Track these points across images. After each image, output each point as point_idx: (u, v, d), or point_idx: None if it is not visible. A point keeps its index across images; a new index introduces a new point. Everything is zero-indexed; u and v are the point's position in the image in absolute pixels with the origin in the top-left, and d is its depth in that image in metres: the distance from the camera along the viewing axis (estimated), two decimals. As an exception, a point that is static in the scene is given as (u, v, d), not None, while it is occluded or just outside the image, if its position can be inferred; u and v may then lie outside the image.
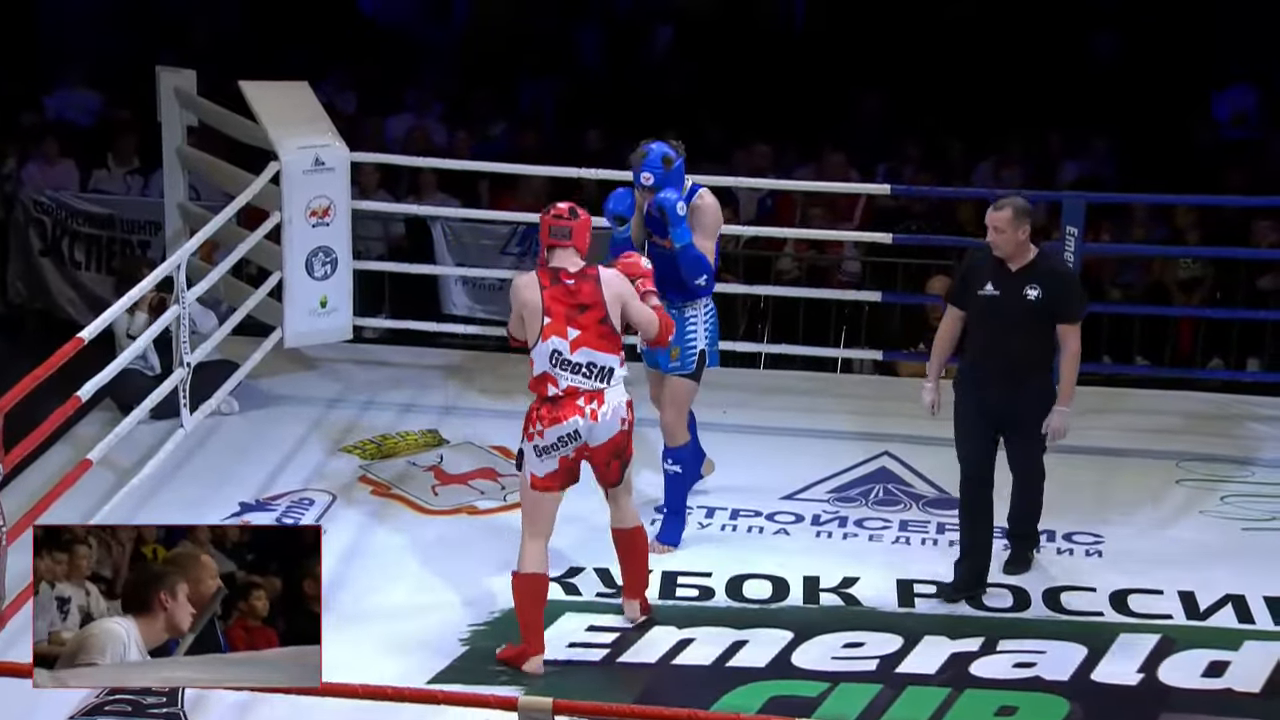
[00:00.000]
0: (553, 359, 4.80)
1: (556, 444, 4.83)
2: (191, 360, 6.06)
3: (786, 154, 9.50)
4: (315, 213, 6.65)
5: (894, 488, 6.26)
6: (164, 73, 7.16)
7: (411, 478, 6.24)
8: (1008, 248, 5.15)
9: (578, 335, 4.79)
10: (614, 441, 4.89)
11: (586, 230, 4.91)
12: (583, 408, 4.81)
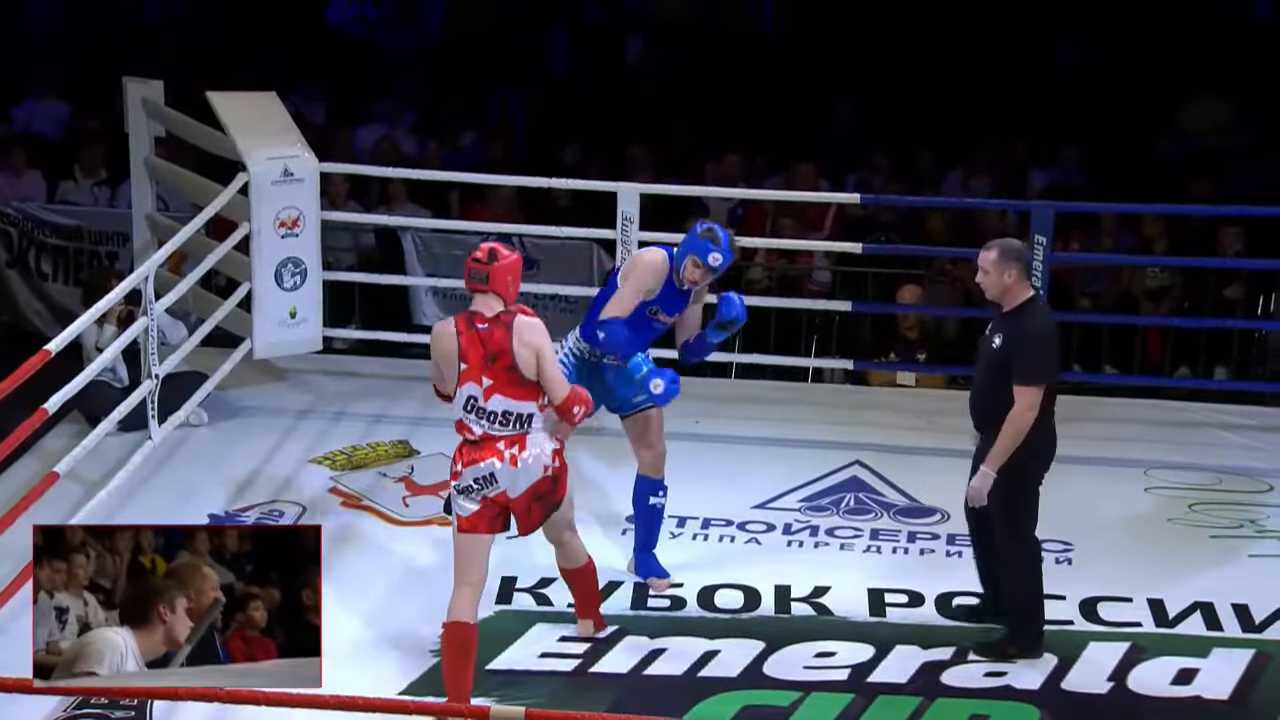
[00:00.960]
0: (467, 405, 4.66)
1: (473, 485, 4.68)
2: (160, 372, 6.03)
3: (757, 164, 9.53)
4: (284, 223, 6.63)
5: (865, 496, 6.27)
6: (131, 83, 7.14)
7: (382, 489, 6.22)
8: (993, 290, 4.95)
9: (490, 384, 4.64)
10: (534, 488, 4.70)
11: (507, 273, 4.69)
12: (502, 451, 4.66)
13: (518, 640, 5.10)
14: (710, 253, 5.27)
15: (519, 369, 4.64)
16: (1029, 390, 4.86)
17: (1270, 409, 7.37)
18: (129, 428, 6.04)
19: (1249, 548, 5.90)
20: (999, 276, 4.92)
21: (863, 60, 10.94)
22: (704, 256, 5.27)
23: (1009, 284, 4.92)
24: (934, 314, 7.98)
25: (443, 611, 5.23)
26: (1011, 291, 4.93)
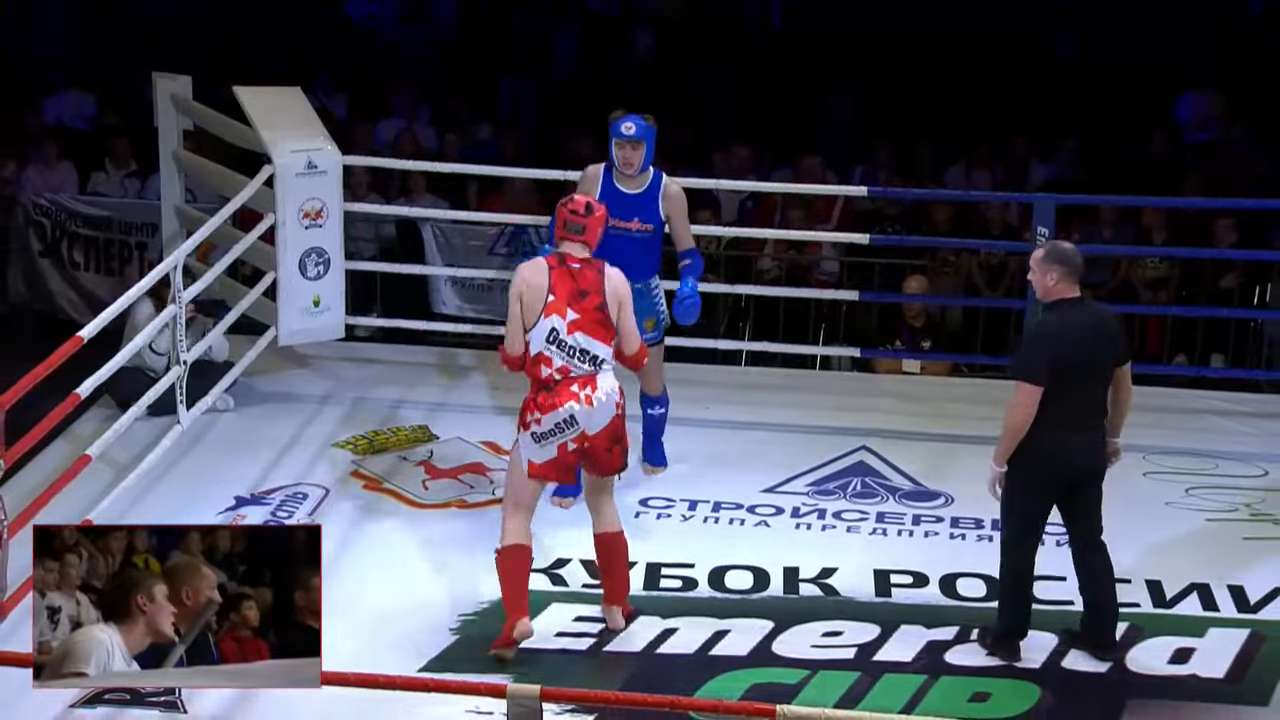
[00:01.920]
0: (549, 337, 4.84)
1: (554, 430, 4.85)
2: (188, 358, 6.06)
3: (764, 157, 9.52)
4: (308, 215, 6.65)
5: (871, 481, 6.28)
6: (160, 79, 7.15)
7: (402, 472, 6.24)
8: (1037, 289, 4.93)
9: (576, 319, 4.84)
10: (610, 426, 4.89)
11: (599, 226, 4.99)
12: (577, 393, 4.84)
13: (534, 619, 5.12)
14: (620, 124, 5.65)
15: (606, 309, 4.89)
16: (1019, 386, 4.81)
17: (1265, 396, 7.36)
18: (158, 412, 6.06)
19: (1244, 530, 5.91)
20: (1041, 277, 4.89)
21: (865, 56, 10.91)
22: (617, 132, 5.65)
23: (1050, 285, 4.87)
24: (938, 303, 7.98)
25: (460, 591, 5.28)
26: (1054, 293, 4.88)
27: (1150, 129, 9.80)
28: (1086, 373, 4.87)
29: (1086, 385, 4.88)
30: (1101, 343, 4.90)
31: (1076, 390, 4.84)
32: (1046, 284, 4.88)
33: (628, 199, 5.77)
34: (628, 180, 5.79)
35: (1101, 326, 4.92)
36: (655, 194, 5.80)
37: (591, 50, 11.39)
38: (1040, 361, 4.81)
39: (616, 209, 5.68)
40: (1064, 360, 4.81)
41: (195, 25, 11.57)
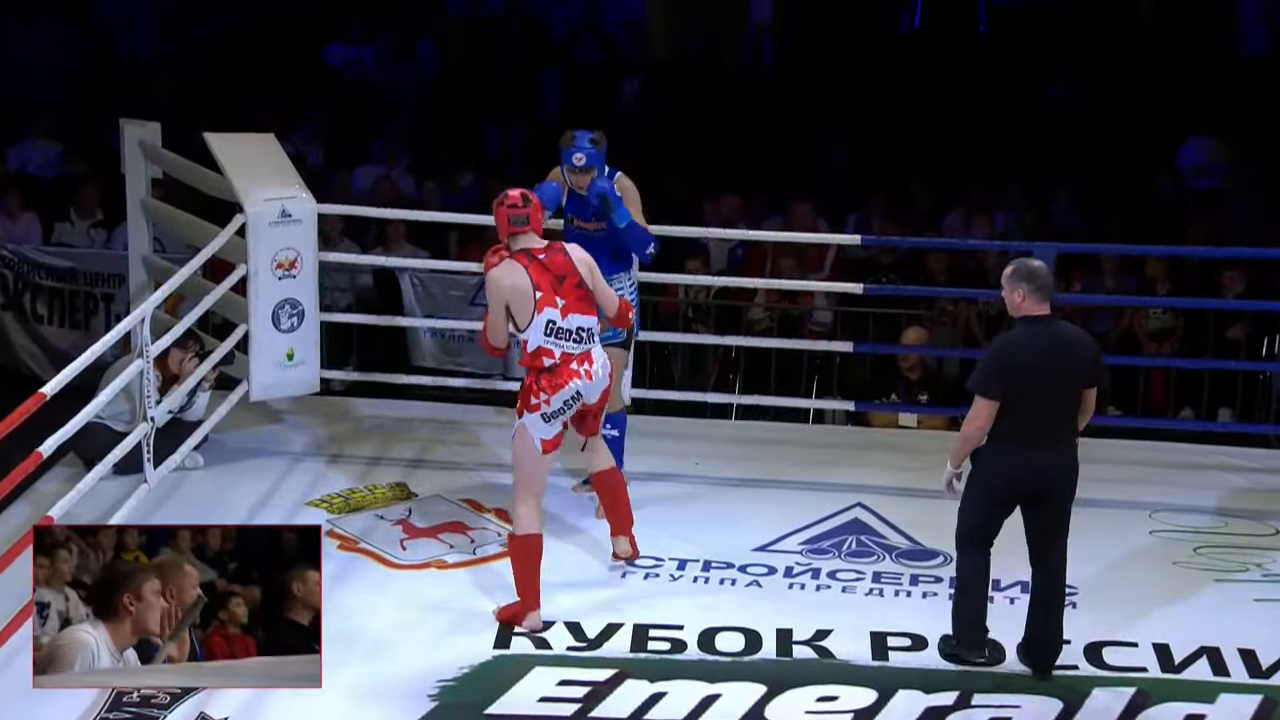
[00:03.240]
0: (547, 329, 5.30)
1: (563, 408, 5.33)
2: (156, 416, 6.04)
3: (755, 204, 9.57)
4: (282, 265, 6.66)
5: (867, 539, 6.27)
6: (128, 125, 7.17)
7: (379, 532, 6.22)
8: (1009, 308, 5.10)
9: (565, 304, 5.31)
10: (605, 394, 5.43)
11: (540, 212, 5.43)
12: (577, 370, 5.33)
13: (516, 684, 5.08)
14: (571, 155, 5.99)
15: (585, 283, 5.36)
16: (976, 399, 5.02)
17: (1275, 451, 7.35)
18: (124, 471, 6.04)
19: (1255, 592, 5.89)
20: (1009, 294, 5.09)
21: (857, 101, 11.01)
22: (568, 160, 6.01)
23: (1018, 302, 5.08)
24: (936, 355, 8.00)
25: (440, 655, 5.24)
26: (1022, 310, 5.07)
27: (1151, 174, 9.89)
28: (1047, 391, 5.02)
29: (1048, 404, 5.02)
30: (1066, 363, 5.05)
31: (1037, 408, 5.00)
32: (1015, 301, 5.07)
33: (586, 201, 6.08)
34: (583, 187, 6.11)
35: (1068, 346, 5.08)
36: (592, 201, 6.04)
37: (578, 98, 11.48)
38: (995, 376, 5.01)
39: (579, 211, 6.12)
40: (1022, 377, 4.98)
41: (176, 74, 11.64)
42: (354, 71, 12.00)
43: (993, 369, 5.01)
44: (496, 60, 11.98)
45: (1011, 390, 4.97)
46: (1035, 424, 5.01)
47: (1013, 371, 4.98)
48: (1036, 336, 5.03)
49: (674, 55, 12.04)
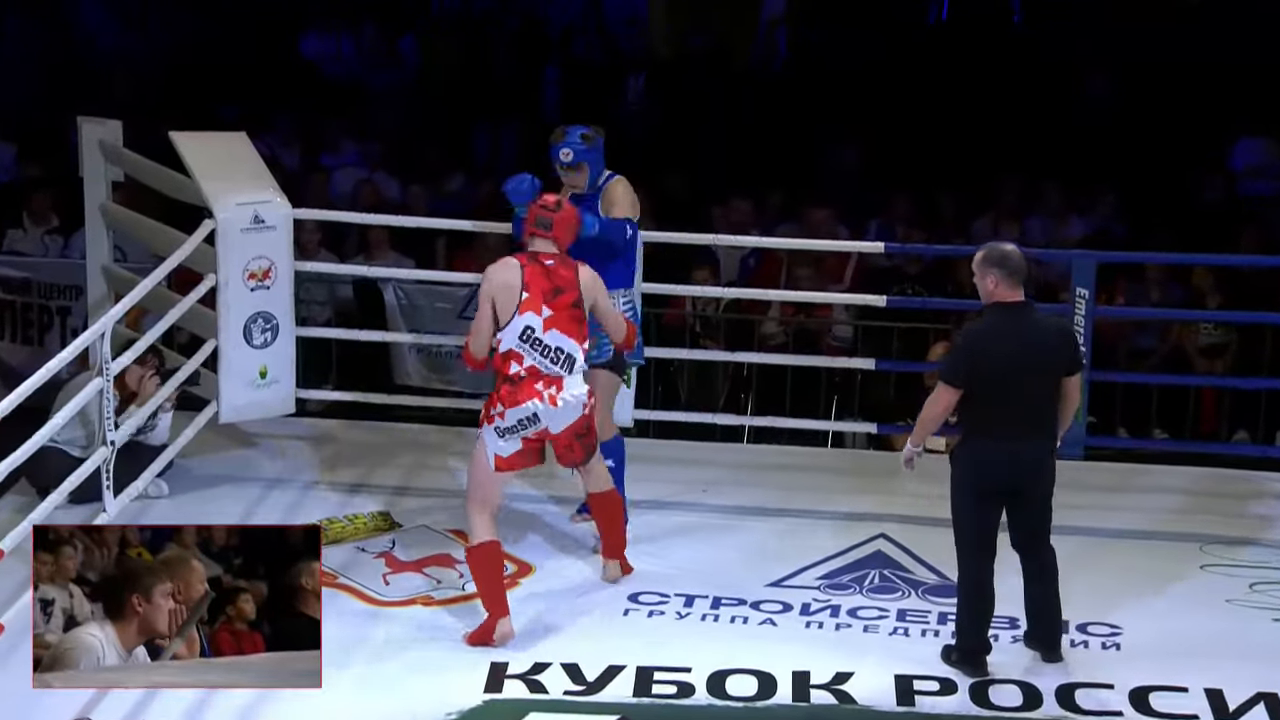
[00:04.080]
0: (524, 335, 5.42)
1: (516, 426, 5.46)
2: (116, 438, 6.04)
3: (768, 210, 9.58)
4: (254, 275, 6.66)
5: (891, 573, 6.26)
6: (86, 124, 7.19)
7: (360, 565, 6.21)
8: (981, 295, 5.31)
9: (551, 315, 5.42)
10: (574, 427, 5.54)
11: (567, 225, 5.57)
12: (541, 391, 5.43)
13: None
14: (558, 151, 6.03)
15: (582, 306, 5.49)
16: (939, 384, 5.26)
17: (1338, 478, 7.35)
18: (81, 500, 6.03)
19: (1316, 631, 5.88)
20: (981, 280, 5.28)
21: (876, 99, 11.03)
22: (555, 157, 6.04)
23: (990, 289, 5.26)
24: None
25: (426, 698, 5.24)
26: (993, 297, 5.25)
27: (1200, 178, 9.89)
28: (1020, 380, 5.21)
29: (1021, 394, 5.21)
30: (1040, 351, 5.24)
31: (1009, 399, 5.19)
32: (987, 287, 5.26)
33: (582, 202, 6.09)
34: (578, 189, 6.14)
35: (1042, 333, 5.28)
36: (597, 196, 6.11)
37: (578, 97, 11.52)
38: (960, 364, 5.23)
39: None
40: (992, 366, 5.17)
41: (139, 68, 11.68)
42: (332, 65, 12.03)
43: (961, 357, 5.25)
44: (489, 57, 12.02)
45: (980, 380, 5.18)
46: (1008, 415, 5.20)
47: (982, 360, 5.18)
48: (1009, 324, 5.22)
49: (678, 52, 12.09)
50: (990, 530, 5.36)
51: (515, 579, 6.04)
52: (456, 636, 5.59)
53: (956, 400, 5.23)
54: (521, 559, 6.19)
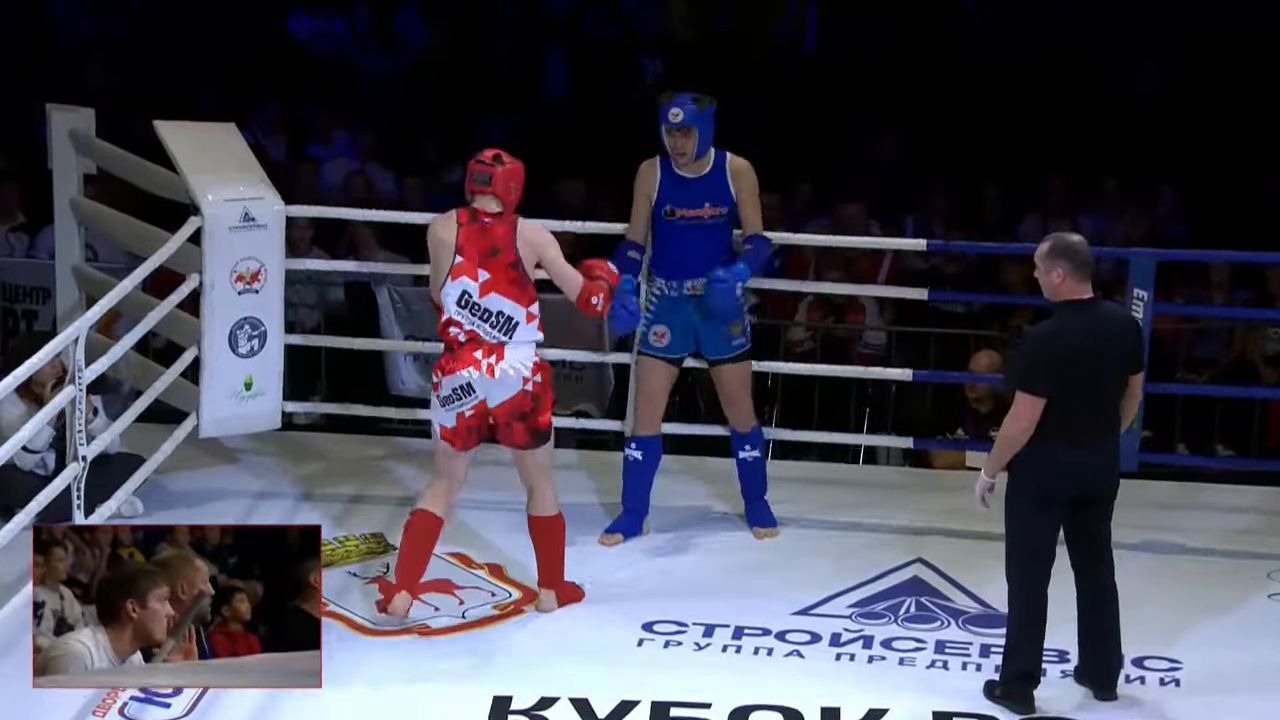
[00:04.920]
0: (461, 300, 5.54)
1: (451, 395, 5.59)
2: (88, 454, 6.06)
3: (794, 204, 9.60)
4: (242, 277, 6.68)
5: (928, 601, 6.27)
6: (56, 111, 7.22)
7: (352, 592, 6.23)
8: (1045, 290, 5.30)
9: (488, 279, 5.53)
10: (513, 402, 5.60)
11: (511, 179, 5.64)
12: (479, 360, 5.54)
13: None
14: (668, 110, 6.19)
15: (520, 266, 5.54)
16: (1020, 396, 5.17)
17: None
18: (49, 520, 6.03)
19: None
20: (1047, 274, 5.25)
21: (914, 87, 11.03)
22: (664, 118, 6.19)
23: (1056, 284, 5.23)
24: (1010, 383, 7.99)
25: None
26: (1060, 293, 5.24)
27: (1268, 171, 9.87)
28: (1095, 383, 5.22)
29: (1094, 397, 5.22)
30: (1114, 349, 5.26)
31: (1082, 402, 5.19)
32: (1053, 282, 5.23)
33: (693, 185, 6.31)
34: (687, 166, 6.31)
35: (1115, 331, 5.30)
36: (722, 173, 6.33)
37: (587, 82, 11.54)
38: (1042, 369, 5.17)
39: (683, 198, 6.35)
40: (1069, 368, 5.16)
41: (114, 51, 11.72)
42: (322, 46, 12.06)
43: (1040, 361, 5.20)
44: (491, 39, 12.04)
45: (1063, 384, 5.16)
46: (1081, 419, 5.20)
47: (1060, 363, 5.16)
48: (1084, 322, 5.21)
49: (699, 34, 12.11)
50: (1052, 543, 5.36)
51: (520, 605, 6.07)
52: (457, 670, 5.61)
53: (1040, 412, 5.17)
54: (527, 584, 6.21)
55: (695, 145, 6.25)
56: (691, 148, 6.24)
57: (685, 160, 6.27)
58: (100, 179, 7.43)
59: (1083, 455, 5.23)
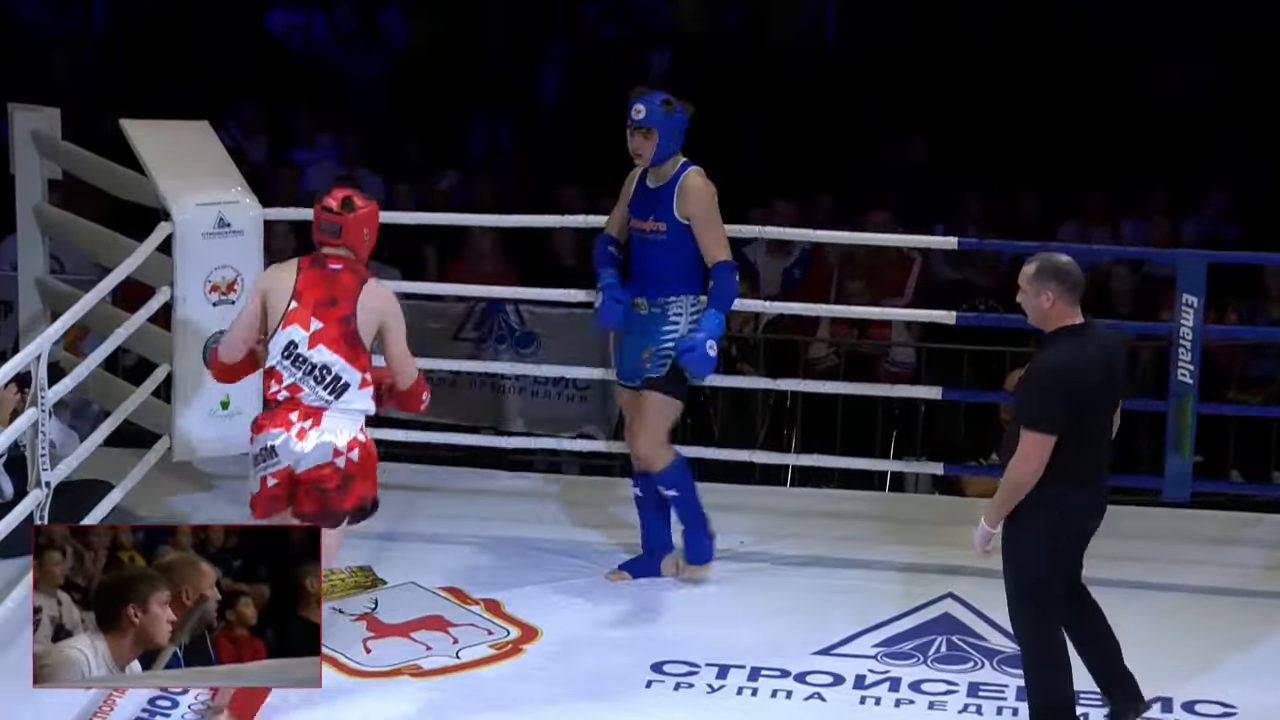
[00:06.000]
0: (286, 351, 5.25)
1: (258, 456, 5.28)
2: (52, 480, 6.06)
3: (816, 212, 9.60)
4: (217, 288, 6.69)
5: (960, 640, 6.25)
6: (18, 112, 7.24)
7: (338, 629, 6.22)
8: (1030, 314, 5.24)
9: (320, 329, 5.24)
10: (317, 474, 5.24)
11: (364, 224, 5.35)
12: (293, 422, 5.24)
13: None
14: (632, 105, 6.14)
15: (355, 323, 5.25)
16: (1029, 436, 5.08)
17: None
18: (11, 552, 6.02)
19: None
20: (1035, 298, 5.18)
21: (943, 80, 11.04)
22: (628, 113, 6.14)
23: (1045, 308, 5.17)
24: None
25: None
26: (1051, 318, 5.18)
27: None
28: (1099, 414, 5.21)
29: (1097, 429, 5.21)
30: (1117, 374, 5.25)
31: (1098, 433, 5.19)
32: (1041, 306, 5.17)
33: (649, 194, 6.30)
34: (654, 173, 6.28)
35: (1117, 358, 5.26)
36: (672, 188, 6.25)
37: (587, 80, 11.55)
38: (1051, 406, 5.09)
39: (638, 208, 6.34)
40: (1080, 403, 5.11)
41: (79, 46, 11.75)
42: (301, 42, 12.10)
43: (1054, 397, 5.11)
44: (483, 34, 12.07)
45: (1073, 421, 5.11)
46: (1090, 458, 5.17)
47: (1073, 398, 5.11)
48: (1088, 351, 5.16)
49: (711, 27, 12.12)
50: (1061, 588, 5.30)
51: (519, 645, 6.05)
52: (450, 714, 5.59)
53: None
54: (526, 621, 6.20)
55: (653, 149, 6.18)
56: (649, 151, 6.19)
57: (641, 162, 6.24)
58: (66, 184, 7.43)
59: (1090, 495, 5.20)
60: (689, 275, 6.29)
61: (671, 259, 6.27)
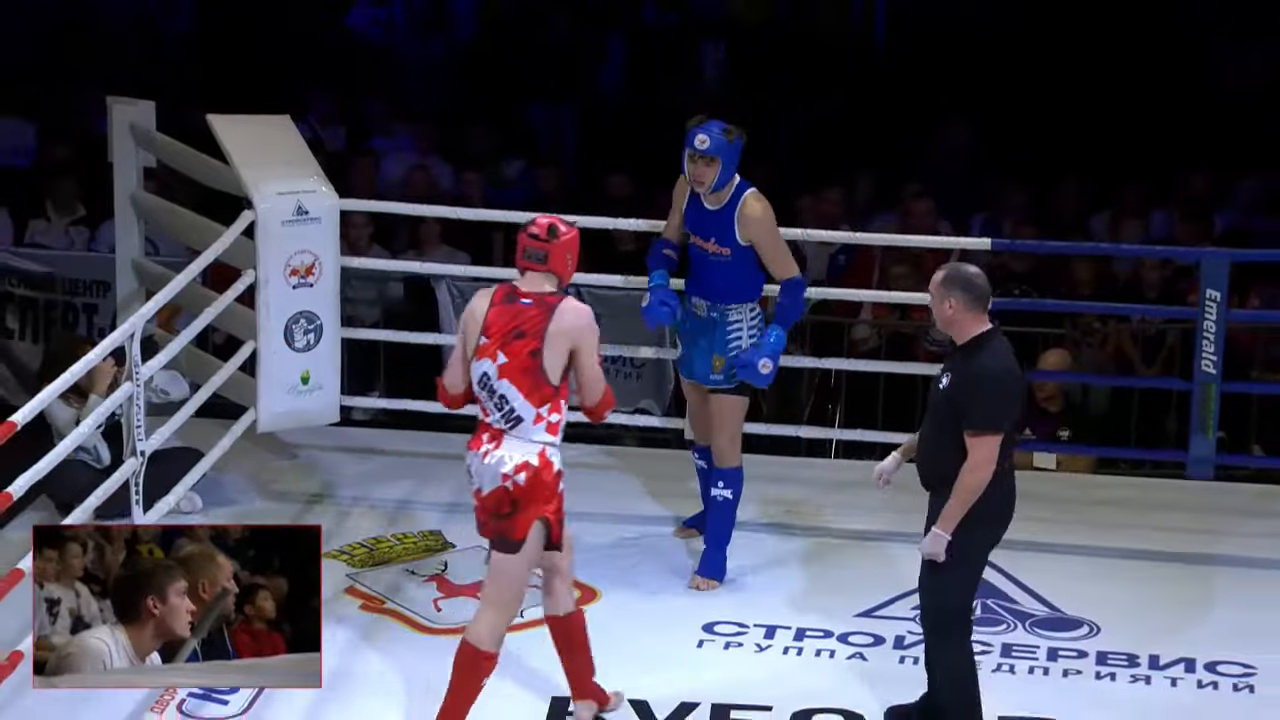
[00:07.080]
0: (481, 380, 5.14)
1: (466, 473, 5.19)
2: (146, 448, 6.15)
3: (859, 200, 9.58)
4: (296, 271, 6.75)
5: (995, 604, 6.27)
6: (117, 105, 7.29)
7: (410, 589, 6.29)
8: (938, 321, 5.21)
9: (505, 363, 5.09)
10: (493, 497, 5.10)
11: (567, 250, 5.19)
12: (482, 443, 5.14)
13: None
14: (694, 135, 6.07)
15: (541, 355, 5.06)
16: (984, 440, 5.05)
17: None
18: (108, 515, 6.11)
19: None
20: (939, 305, 5.17)
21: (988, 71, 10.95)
22: (689, 143, 6.07)
23: (950, 315, 5.16)
24: (1079, 383, 7.97)
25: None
26: (957, 325, 5.16)
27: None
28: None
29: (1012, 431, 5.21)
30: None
31: (1009, 438, 5.18)
32: (945, 313, 5.16)
33: (707, 215, 6.21)
34: (707, 196, 6.20)
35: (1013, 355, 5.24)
36: (732, 212, 6.18)
37: (646, 69, 11.53)
38: (1002, 408, 5.08)
39: (697, 225, 6.25)
40: (1016, 403, 5.15)
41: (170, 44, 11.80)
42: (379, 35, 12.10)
43: (1005, 400, 5.10)
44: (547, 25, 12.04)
45: (1010, 420, 5.13)
46: (1011, 448, 5.18)
47: (1015, 399, 5.14)
48: (1009, 353, 5.18)
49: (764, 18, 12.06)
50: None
51: (579, 605, 6.08)
52: (517, 669, 5.65)
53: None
54: (586, 583, 6.25)
55: (716, 176, 6.11)
56: (711, 178, 6.11)
57: (703, 189, 6.15)
58: (159, 172, 7.50)
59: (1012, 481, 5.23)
60: (749, 285, 6.30)
61: (737, 274, 6.25)
